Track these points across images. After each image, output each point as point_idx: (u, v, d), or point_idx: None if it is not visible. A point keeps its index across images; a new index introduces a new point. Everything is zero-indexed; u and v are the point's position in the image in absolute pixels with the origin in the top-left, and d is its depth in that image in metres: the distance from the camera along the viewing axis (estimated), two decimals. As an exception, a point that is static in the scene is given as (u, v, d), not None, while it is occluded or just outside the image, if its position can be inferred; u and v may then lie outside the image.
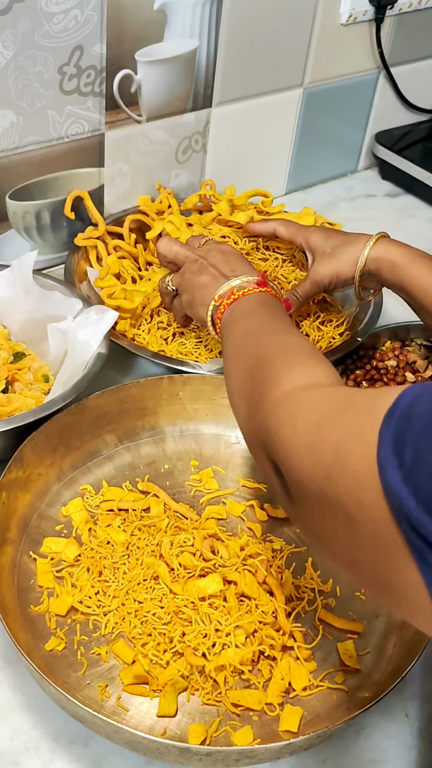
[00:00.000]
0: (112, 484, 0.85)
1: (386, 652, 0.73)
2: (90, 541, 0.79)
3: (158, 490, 0.84)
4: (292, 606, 0.76)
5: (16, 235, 1.08)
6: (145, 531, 0.80)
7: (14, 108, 0.97)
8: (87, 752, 0.68)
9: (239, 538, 0.80)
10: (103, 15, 0.98)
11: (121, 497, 0.83)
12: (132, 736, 0.61)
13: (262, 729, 0.68)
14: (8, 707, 0.70)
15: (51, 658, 0.71)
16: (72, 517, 0.81)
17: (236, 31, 1.12)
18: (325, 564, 0.80)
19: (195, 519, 0.82)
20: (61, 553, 0.78)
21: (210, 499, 0.85)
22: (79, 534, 0.80)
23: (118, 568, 0.77)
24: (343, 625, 0.75)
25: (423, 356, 1.03)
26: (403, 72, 1.36)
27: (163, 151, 1.16)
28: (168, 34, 1.06)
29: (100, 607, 0.74)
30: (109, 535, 0.79)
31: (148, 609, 0.73)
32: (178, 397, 0.90)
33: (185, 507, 0.83)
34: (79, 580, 0.76)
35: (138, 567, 0.76)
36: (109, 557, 0.78)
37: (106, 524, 0.80)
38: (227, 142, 1.22)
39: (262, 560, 0.78)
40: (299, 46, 1.21)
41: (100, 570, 0.77)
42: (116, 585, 0.75)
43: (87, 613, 0.74)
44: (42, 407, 0.82)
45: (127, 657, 0.71)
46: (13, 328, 0.96)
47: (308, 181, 1.40)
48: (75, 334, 0.89)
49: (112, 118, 1.07)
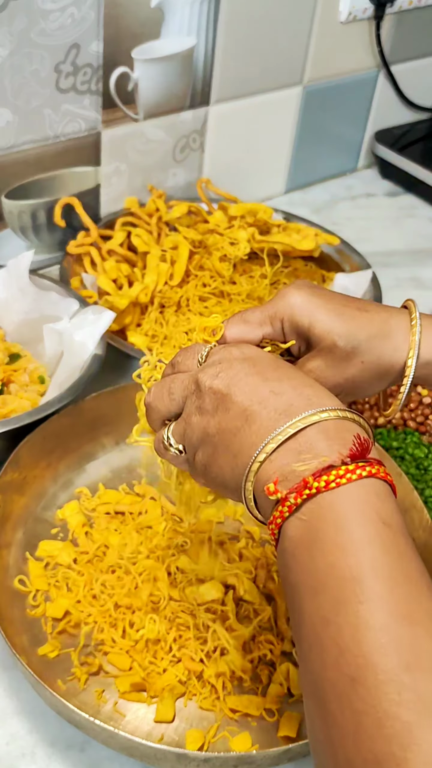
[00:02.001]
0: (109, 487, 0.84)
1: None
2: (86, 545, 0.78)
3: (155, 492, 0.83)
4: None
5: (12, 235, 1.07)
6: (142, 534, 0.79)
7: (10, 106, 0.96)
8: (83, 758, 0.67)
9: (237, 541, 0.80)
10: (99, 13, 0.97)
11: (117, 500, 0.82)
12: (129, 741, 0.60)
13: (260, 734, 0.67)
14: (4, 712, 0.69)
15: (47, 662, 0.70)
16: (68, 520, 0.80)
17: (234, 28, 1.11)
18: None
19: (192, 522, 0.81)
20: (57, 556, 0.77)
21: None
22: (75, 537, 0.79)
23: (114, 571, 0.76)
24: None
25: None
26: (403, 70, 1.36)
27: (161, 149, 1.15)
28: (165, 32, 1.05)
29: (97, 611, 0.73)
30: (106, 539, 0.78)
31: (145, 614, 0.73)
32: None
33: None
34: (75, 583, 0.75)
35: (135, 571, 0.76)
36: (105, 561, 0.77)
37: (102, 527, 0.80)
38: (225, 140, 1.21)
39: (262, 564, 0.77)
40: (298, 43, 1.20)
41: (97, 574, 0.76)
42: (112, 589, 0.75)
43: (82, 618, 0.73)
44: (38, 409, 0.81)
45: (124, 664, 0.70)
46: (8, 328, 0.96)
47: (307, 180, 1.39)
48: (71, 335, 0.88)
49: (109, 116, 1.06)
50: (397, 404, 0.58)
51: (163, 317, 0.99)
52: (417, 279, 1.23)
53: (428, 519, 0.76)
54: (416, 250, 1.29)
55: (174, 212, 1.08)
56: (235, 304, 1.00)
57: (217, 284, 1.01)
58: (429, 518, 0.76)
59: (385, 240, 1.29)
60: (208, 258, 1.02)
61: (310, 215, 1.26)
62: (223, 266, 1.00)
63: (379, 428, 0.93)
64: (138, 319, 0.98)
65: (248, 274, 1.03)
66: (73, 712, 0.61)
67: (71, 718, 0.62)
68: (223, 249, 1.01)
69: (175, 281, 1.00)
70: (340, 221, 1.31)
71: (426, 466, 0.88)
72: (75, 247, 1.05)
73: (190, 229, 1.03)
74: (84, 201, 1.08)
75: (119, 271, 1.01)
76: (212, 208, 1.14)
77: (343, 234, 1.14)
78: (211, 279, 1.01)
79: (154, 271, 1.00)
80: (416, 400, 0.96)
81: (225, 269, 1.00)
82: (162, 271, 1.00)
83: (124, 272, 1.01)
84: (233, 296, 1.01)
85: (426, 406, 0.96)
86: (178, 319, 0.99)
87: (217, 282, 1.01)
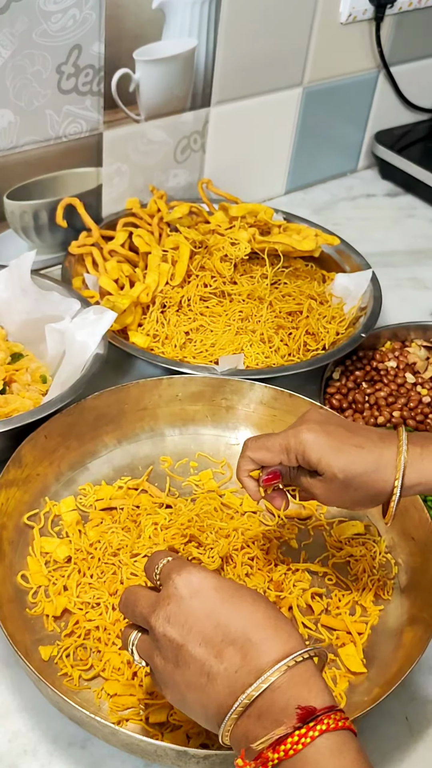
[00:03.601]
0: (111, 485, 0.85)
1: (386, 656, 0.73)
2: (80, 542, 0.78)
3: (148, 486, 0.84)
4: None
5: (14, 235, 1.08)
6: (134, 532, 0.79)
7: (12, 107, 0.97)
8: (85, 754, 0.67)
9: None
10: (101, 14, 0.97)
11: (111, 495, 0.83)
12: (129, 738, 0.60)
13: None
14: (6, 709, 0.69)
15: (49, 660, 0.70)
16: (62, 517, 0.81)
17: (235, 29, 1.11)
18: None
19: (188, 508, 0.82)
20: (53, 553, 0.77)
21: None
22: (69, 534, 0.79)
23: (109, 568, 0.76)
24: (345, 627, 0.75)
25: (423, 357, 1.02)
26: (402, 71, 1.36)
27: (162, 150, 1.15)
28: (167, 33, 1.05)
29: (93, 609, 0.74)
30: (100, 535, 0.79)
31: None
32: (177, 398, 0.90)
33: (171, 499, 0.83)
34: (71, 581, 0.75)
35: (129, 566, 0.76)
36: (99, 557, 0.77)
37: (95, 524, 0.80)
38: (226, 141, 1.21)
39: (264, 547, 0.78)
40: (299, 45, 1.21)
41: (92, 571, 0.76)
42: (105, 586, 0.75)
43: (80, 616, 0.73)
44: (39, 408, 0.81)
45: (116, 662, 0.70)
46: (10, 328, 0.96)
47: (308, 180, 1.39)
48: (73, 334, 0.89)
49: (111, 117, 1.07)
50: (390, 515, 0.67)
51: (165, 317, 1.00)
52: (417, 279, 1.23)
53: (428, 518, 0.77)
54: (416, 250, 1.29)
55: (175, 213, 1.08)
56: (236, 304, 1.00)
57: (218, 284, 1.01)
58: (429, 517, 0.77)
59: (385, 240, 1.30)
60: (209, 258, 1.02)
61: (311, 216, 1.26)
62: (224, 266, 1.01)
63: (379, 427, 0.94)
64: (139, 319, 0.99)
65: (249, 275, 1.04)
66: (74, 709, 0.61)
67: (72, 716, 0.63)
68: (224, 249, 1.01)
69: (176, 281, 1.00)
70: (340, 221, 1.31)
71: (425, 466, 0.88)
72: (77, 247, 1.06)
73: (191, 230, 1.04)
74: (85, 201, 1.08)
75: (121, 271, 1.01)
76: (213, 208, 1.15)
77: (343, 234, 1.14)
78: (212, 279, 1.02)
79: (156, 271, 1.00)
80: (416, 399, 0.97)
81: (226, 269, 1.01)
82: (163, 272, 1.00)
83: (126, 272, 1.02)
84: (234, 296, 1.01)
85: (426, 405, 0.97)
86: (179, 319, 0.99)
87: (218, 282, 1.01)
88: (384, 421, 0.94)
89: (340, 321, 1.03)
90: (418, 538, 0.78)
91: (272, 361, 0.97)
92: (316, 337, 1.00)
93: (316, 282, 1.09)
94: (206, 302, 1.01)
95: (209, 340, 0.98)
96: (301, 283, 1.06)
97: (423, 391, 0.98)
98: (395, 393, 0.98)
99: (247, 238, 1.02)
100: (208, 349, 0.97)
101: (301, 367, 0.94)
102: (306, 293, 1.04)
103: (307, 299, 1.03)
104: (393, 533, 0.81)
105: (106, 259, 1.04)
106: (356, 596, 0.77)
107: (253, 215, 1.08)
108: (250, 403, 0.90)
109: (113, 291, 0.98)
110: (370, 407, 0.97)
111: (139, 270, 1.04)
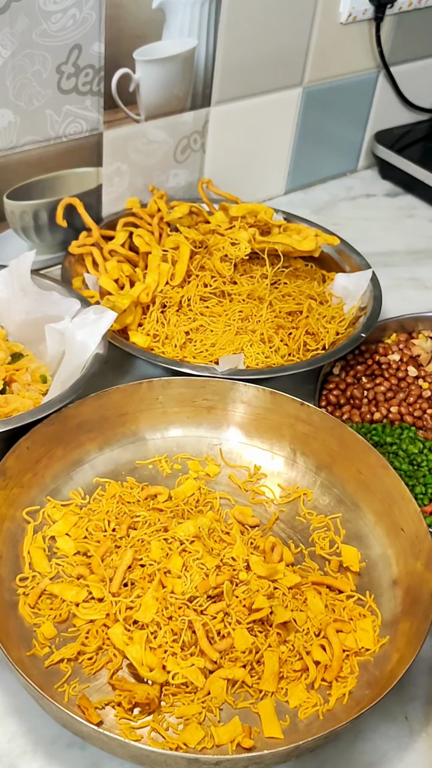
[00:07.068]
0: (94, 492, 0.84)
1: (386, 654, 0.73)
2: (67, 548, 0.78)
3: (120, 489, 0.84)
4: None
5: (14, 235, 1.08)
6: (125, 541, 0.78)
7: (12, 107, 0.97)
8: (84, 755, 0.67)
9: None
10: (101, 14, 0.97)
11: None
12: (139, 750, 0.60)
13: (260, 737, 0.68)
14: (4, 710, 0.69)
15: (48, 673, 0.69)
16: (47, 520, 0.80)
17: (235, 29, 1.11)
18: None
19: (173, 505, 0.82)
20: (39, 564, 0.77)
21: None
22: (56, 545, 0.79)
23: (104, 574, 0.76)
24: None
25: (429, 349, 1.01)
26: (402, 71, 1.36)
27: (162, 150, 1.15)
28: (167, 33, 1.05)
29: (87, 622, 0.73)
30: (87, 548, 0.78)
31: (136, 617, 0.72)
32: (158, 401, 0.89)
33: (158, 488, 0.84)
34: (61, 593, 0.74)
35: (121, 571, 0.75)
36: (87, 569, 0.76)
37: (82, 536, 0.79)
38: (226, 141, 1.21)
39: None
40: (298, 44, 1.21)
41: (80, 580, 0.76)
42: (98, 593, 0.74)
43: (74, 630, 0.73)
44: (40, 408, 0.81)
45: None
46: (10, 328, 0.96)
47: (308, 180, 1.39)
48: (73, 334, 0.89)
49: (111, 117, 1.07)
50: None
51: (165, 317, 0.99)
52: (416, 279, 1.23)
53: (416, 508, 0.77)
54: (416, 250, 1.29)
55: (175, 212, 1.08)
56: (236, 304, 1.00)
57: (218, 284, 1.01)
58: (417, 507, 0.77)
59: (385, 240, 1.30)
60: (209, 258, 1.02)
61: (311, 215, 1.26)
62: (224, 266, 1.01)
63: (375, 423, 0.93)
64: (139, 319, 0.99)
65: (249, 275, 1.04)
66: (80, 725, 0.60)
67: (79, 731, 0.62)
68: (224, 249, 1.01)
69: (177, 281, 1.00)
70: (340, 221, 1.31)
71: (419, 462, 0.88)
72: (77, 247, 1.06)
73: (192, 230, 1.04)
74: (85, 201, 1.08)
75: (121, 271, 1.01)
76: (213, 208, 1.14)
77: (343, 234, 1.14)
78: (212, 279, 1.01)
79: (156, 271, 1.00)
80: (415, 394, 0.96)
81: (226, 269, 1.01)
82: (163, 271, 1.00)
83: (126, 272, 1.02)
84: (234, 296, 1.01)
85: (425, 400, 0.96)
86: (179, 319, 0.99)
87: (218, 282, 1.01)
88: (380, 417, 0.94)
89: (340, 321, 1.03)
90: (408, 529, 0.77)
91: (272, 361, 0.97)
92: (316, 337, 1.00)
93: (316, 282, 1.09)
94: (206, 302, 1.01)
95: (209, 340, 0.98)
96: (301, 283, 1.06)
97: (424, 385, 0.97)
98: (395, 387, 0.98)
99: (247, 238, 1.02)
100: (208, 349, 0.97)
101: (301, 367, 0.94)
102: (306, 293, 1.04)
103: (307, 299, 1.03)
104: (381, 526, 0.81)
105: (106, 259, 1.04)
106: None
107: (253, 215, 1.08)
108: (232, 402, 0.90)
109: (113, 291, 0.98)
110: (368, 403, 0.97)
111: (139, 270, 1.04)
